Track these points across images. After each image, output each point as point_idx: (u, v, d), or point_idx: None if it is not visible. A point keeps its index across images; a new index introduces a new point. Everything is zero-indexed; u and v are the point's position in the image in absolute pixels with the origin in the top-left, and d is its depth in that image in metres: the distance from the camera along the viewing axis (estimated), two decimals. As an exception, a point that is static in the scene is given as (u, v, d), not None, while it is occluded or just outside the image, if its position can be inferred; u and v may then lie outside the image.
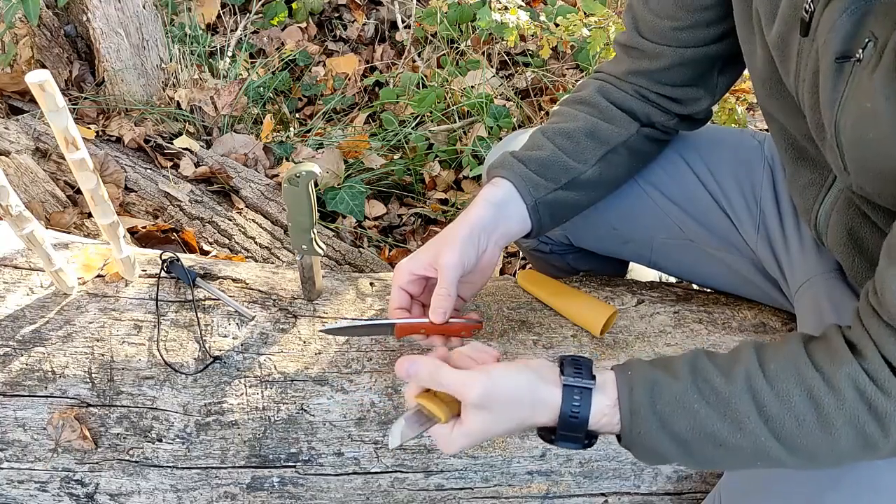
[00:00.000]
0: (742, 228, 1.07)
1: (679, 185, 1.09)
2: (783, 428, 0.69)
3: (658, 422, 0.71)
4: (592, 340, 1.08)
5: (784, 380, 0.70)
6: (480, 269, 0.94)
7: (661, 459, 0.74)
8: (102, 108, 2.11)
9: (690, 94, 0.99)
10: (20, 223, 0.95)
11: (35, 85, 0.80)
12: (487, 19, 2.04)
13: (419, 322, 0.93)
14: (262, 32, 2.56)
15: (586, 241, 1.19)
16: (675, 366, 0.74)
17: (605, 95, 1.01)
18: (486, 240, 0.92)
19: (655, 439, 0.72)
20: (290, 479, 1.01)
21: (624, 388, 0.73)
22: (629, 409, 0.72)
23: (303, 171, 0.93)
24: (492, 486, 1.03)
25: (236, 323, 1.06)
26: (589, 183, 1.00)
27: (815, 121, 0.76)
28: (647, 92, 1.00)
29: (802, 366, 0.70)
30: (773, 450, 0.70)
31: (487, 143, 1.96)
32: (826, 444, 0.69)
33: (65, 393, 1.00)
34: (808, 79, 0.74)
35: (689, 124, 1.05)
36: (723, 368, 0.72)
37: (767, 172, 1.06)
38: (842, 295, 0.94)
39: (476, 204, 0.95)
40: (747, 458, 0.72)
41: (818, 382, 0.69)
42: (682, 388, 0.72)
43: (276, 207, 1.87)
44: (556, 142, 0.99)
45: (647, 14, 0.95)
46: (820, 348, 0.72)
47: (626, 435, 0.73)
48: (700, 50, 0.94)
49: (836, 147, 0.72)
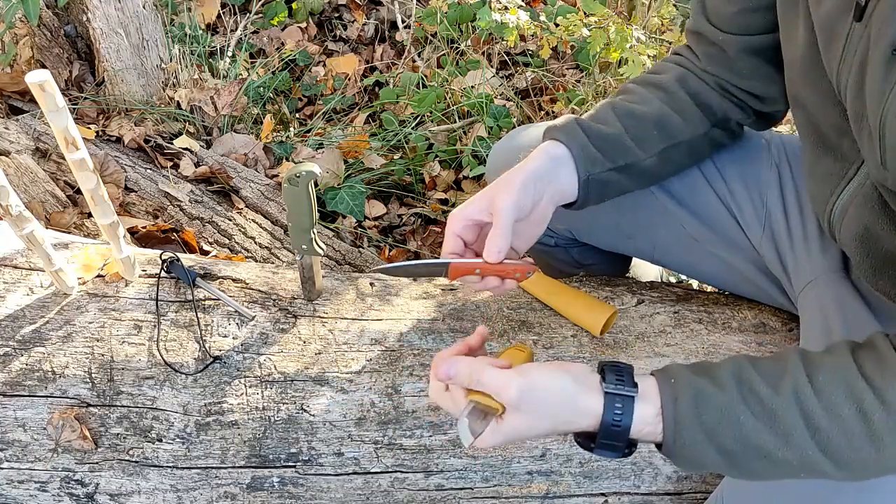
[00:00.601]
0: (747, 228, 1.06)
1: (685, 184, 1.08)
2: (831, 442, 0.67)
3: (703, 433, 0.69)
4: (592, 340, 1.08)
5: (833, 392, 0.68)
6: (534, 220, 0.91)
7: (704, 469, 0.73)
8: (102, 108, 2.11)
9: (767, 90, 0.97)
10: (20, 223, 0.95)
11: (35, 85, 0.80)
12: (487, 19, 2.03)
13: (474, 262, 0.89)
14: (262, 32, 2.56)
15: (590, 235, 1.19)
16: (718, 374, 0.72)
17: (685, 85, 0.99)
18: (543, 190, 0.90)
19: (700, 451, 0.70)
20: (290, 479, 1.00)
21: (668, 398, 0.71)
22: (674, 420, 0.70)
23: (303, 171, 0.93)
24: (492, 486, 1.03)
25: (236, 323, 1.06)
26: (644, 172, 0.98)
27: (855, 111, 0.73)
28: (727, 84, 0.98)
29: (852, 378, 0.68)
30: (819, 463, 0.69)
31: (487, 143, 1.96)
32: (874, 458, 0.68)
33: (65, 393, 1.00)
34: (855, 67, 0.71)
35: (764, 123, 1.03)
36: (769, 379, 0.71)
37: (774, 172, 1.05)
38: (847, 295, 0.94)
39: (534, 157, 0.92)
40: (793, 470, 0.70)
41: (869, 396, 0.67)
42: (727, 399, 0.70)
43: (276, 207, 1.86)
44: (624, 121, 0.96)
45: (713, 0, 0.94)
46: (869, 358, 0.70)
47: (668, 445, 0.71)
48: (763, 38, 0.91)
49: (878, 141, 0.69)
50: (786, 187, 1.04)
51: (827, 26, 0.74)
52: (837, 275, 0.96)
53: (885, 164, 0.70)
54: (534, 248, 1.31)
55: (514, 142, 1.20)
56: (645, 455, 1.03)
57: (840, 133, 0.81)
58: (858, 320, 0.91)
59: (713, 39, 0.96)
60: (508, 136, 1.27)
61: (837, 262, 0.97)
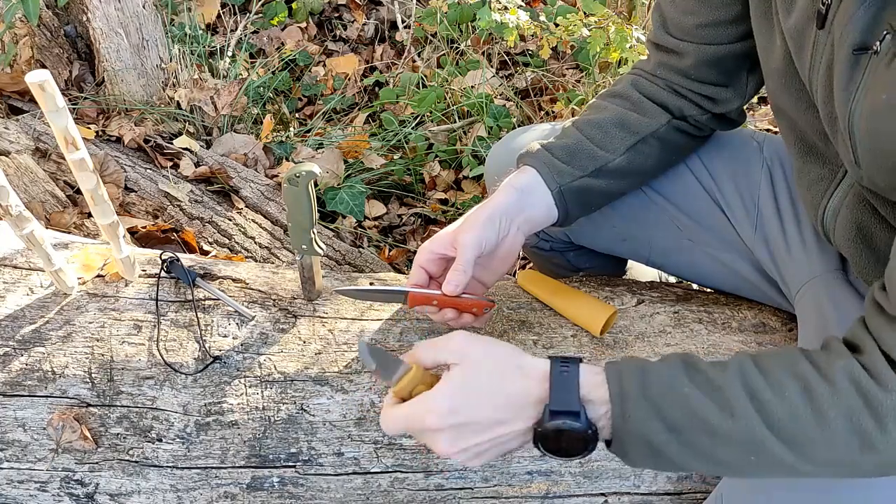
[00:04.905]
0: (739, 228, 1.07)
1: (677, 185, 1.09)
2: (777, 418, 0.67)
3: (650, 406, 0.68)
4: (592, 340, 1.08)
5: (777, 371, 0.68)
6: (502, 254, 0.95)
7: (654, 454, 0.70)
8: (102, 108, 2.11)
9: (720, 94, 1.00)
10: (20, 223, 0.95)
11: (35, 85, 0.80)
12: (487, 19, 2.03)
13: (432, 293, 0.93)
14: (262, 32, 2.56)
15: (586, 238, 1.19)
16: (664, 358, 0.73)
17: (638, 88, 1.03)
18: (509, 224, 0.93)
19: (647, 426, 0.68)
20: (290, 479, 1.01)
21: (613, 374, 0.70)
22: (620, 394, 0.69)
23: (303, 171, 0.93)
24: (492, 486, 1.03)
25: (236, 323, 1.06)
26: (618, 171, 1.00)
27: (827, 113, 0.76)
28: (679, 87, 1.01)
29: (797, 361, 0.69)
30: (767, 441, 0.67)
31: (487, 143, 1.96)
32: (820, 437, 0.66)
33: (65, 393, 1.00)
34: (822, 71, 0.74)
35: (723, 124, 1.06)
36: (714, 363, 0.71)
37: (766, 173, 1.06)
38: (844, 295, 0.94)
39: (501, 189, 0.96)
40: (743, 451, 0.69)
41: (812, 374, 0.67)
42: (673, 374, 0.70)
43: (276, 207, 1.87)
44: (584, 131, 1.00)
45: (672, 11, 0.97)
46: (817, 350, 0.71)
47: (617, 426, 0.69)
48: (724, 48, 0.95)
49: (849, 140, 0.72)
50: (778, 188, 1.05)
51: (795, 36, 0.77)
52: (834, 274, 0.97)
53: (858, 163, 0.73)
54: (530, 251, 1.32)
55: (512, 143, 1.21)
56: (645, 455, 1.03)
57: (825, 138, 0.83)
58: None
59: (673, 49, 0.99)
60: (507, 137, 1.27)
61: (835, 262, 0.97)
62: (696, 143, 1.08)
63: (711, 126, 1.05)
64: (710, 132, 1.08)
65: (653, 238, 1.14)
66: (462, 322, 0.96)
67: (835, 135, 0.77)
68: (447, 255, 0.94)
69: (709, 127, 1.05)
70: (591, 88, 2.03)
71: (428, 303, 0.94)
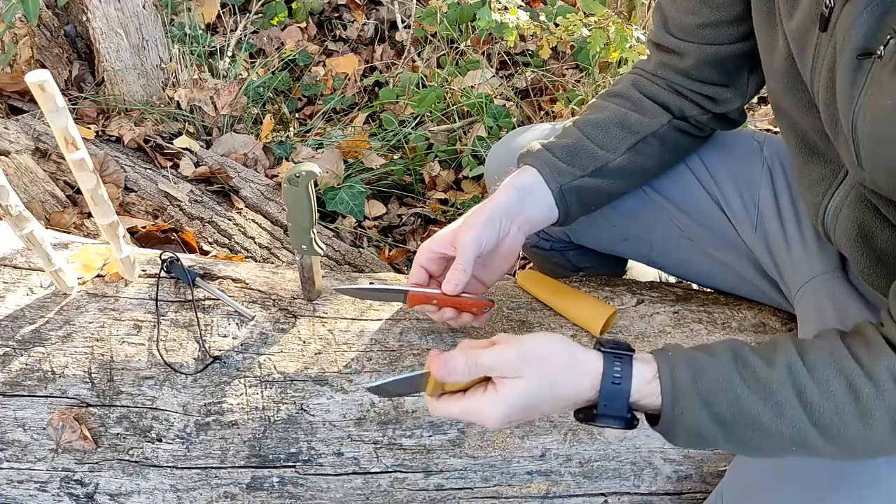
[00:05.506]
0: (740, 228, 1.07)
1: (677, 185, 1.09)
2: (822, 416, 0.69)
3: (700, 400, 0.70)
4: (592, 340, 1.08)
5: (823, 369, 0.70)
6: (502, 253, 0.95)
7: (699, 441, 0.73)
8: (102, 108, 2.11)
9: (721, 94, 1.00)
10: (20, 223, 0.95)
11: (35, 85, 0.80)
12: (487, 19, 2.03)
13: (432, 293, 0.94)
14: (261, 32, 2.56)
15: (586, 238, 1.19)
16: (714, 349, 0.74)
17: (639, 88, 1.03)
18: (509, 224, 0.93)
19: (697, 419, 0.71)
20: (289, 479, 1.01)
21: (665, 365, 0.72)
22: (671, 385, 0.71)
23: (303, 171, 0.93)
24: (492, 486, 1.03)
25: (236, 323, 1.06)
26: (618, 171, 1.00)
27: (829, 115, 0.77)
28: (679, 87, 1.01)
29: (842, 357, 0.70)
30: (810, 437, 0.70)
31: (487, 143, 1.96)
32: (863, 434, 0.69)
33: (65, 393, 1.00)
34: (824, 73, 0.74)
35: (723, 124, 1.06)
36: (762, 355, 0.72)
37: (766, 173, 1.06)
38: (844, 295, 0.94)
39: (501, 189, 0.96)
40: (785, 444, 0.72)
41: (858, 373, 0.69)
42: (724, 370, 0.71)
43: (276, 207, 1.87)
44: (585, 131, 1.00)
45: (673, 11, 0.97)
46: (856, 342, 0.72)
47: (666, 415, 0.72)
48: (724, 48, 0.95)
49: (852, 142, 0.72)
50: (779, 188, 1.05)
51: (798, 38, 0.77)
52: (835, 274, 0.97)
53: (860, 164, 0.73)
54: (530, 250, 1.33)
55: (512, 143, 1.21)
56: (645, 455, 1.03)
57: (826, 138, 0.83)
58: (856, 319, 0.92)
59: (673, 49, 0.99)
60: (507, 137, 1.27)
61: (835, 262, 0.97)
62: (696, 143, 1.08)
63: (712, 126, 1.05)
64: (710, 132, 1.08)
65: (653, 238, 1.14)
66: (461, 321, 0.96)
67: (836, 136, 0.77)
68: (447, 255, 0.94)
69: (709, 127, 1.05)
70: (591, 88, 2.03)
71: (428, 302, 0.94)
